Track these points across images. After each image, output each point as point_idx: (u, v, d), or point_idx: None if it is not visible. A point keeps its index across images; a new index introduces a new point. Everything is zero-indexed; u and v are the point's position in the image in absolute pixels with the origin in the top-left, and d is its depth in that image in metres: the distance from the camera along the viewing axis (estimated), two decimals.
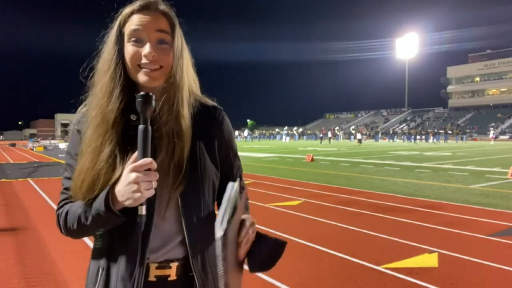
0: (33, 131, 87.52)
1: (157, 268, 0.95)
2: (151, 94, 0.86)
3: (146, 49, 0.93)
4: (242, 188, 1.10)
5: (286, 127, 68.26)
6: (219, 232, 0.85)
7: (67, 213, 0.96)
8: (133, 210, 0.86)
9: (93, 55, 1.02)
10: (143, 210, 0.86)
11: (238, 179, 0.98)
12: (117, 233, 0.94)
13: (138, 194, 0.83)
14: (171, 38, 0.96)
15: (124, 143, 0.94)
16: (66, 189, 1.00)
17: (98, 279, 0.95)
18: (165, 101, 0.96)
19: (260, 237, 1.01)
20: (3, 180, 10.42)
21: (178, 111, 0.96)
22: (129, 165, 0.85)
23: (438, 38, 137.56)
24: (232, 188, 0.93)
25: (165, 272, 0.96)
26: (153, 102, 0.86)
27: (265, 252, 1.00)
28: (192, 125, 1.01)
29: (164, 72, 0.96)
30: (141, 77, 0.95)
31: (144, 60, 0.93)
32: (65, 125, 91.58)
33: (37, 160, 18.37)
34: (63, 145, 28.47)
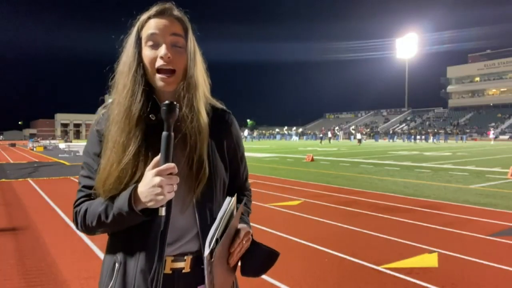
0: (33, 131, 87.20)
1: (172, 261, 0.99)
2: (175, 103, 0.89)
3: (162, 51, 0.97)
4: (243, 197, 1.19)
5: (286, 127, 68.27)
6: (206, 250, 0.90)
7: (86, 210, 0.98)
8: (152, 209, 0.90)
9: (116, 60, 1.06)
10: (163, 211, 0.88)
11: (235, 195, 1.02)
12: (136, 230, 0.96)
13: (161, 197, 0.86)
14: (184, 42, 1.02)
15: (147, 142, 0.98)
16: (84, 187, 1.03)
17: (115, 274, 0.98)
18: (187, 101, 1.01)
19: (255, 246, 1.07)
20: (3, 180, 10.42)
21: (197, 110, 1.02)
22: (152, 169, 0.88)
23: (438, 38, 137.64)
24: (228, 203, 0.98)
25: (180, 264, 1.00)
26: (177, 111, 0.89)
27: (258, 261, 1.06)
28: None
29: (177, 76, 1.00)
30: (158, 82, 0.99)
31: (160, 62, 0.98)
32: (65, 125, 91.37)
33: (37, 160, 18.37)
34: (63, 145, 28.46)
